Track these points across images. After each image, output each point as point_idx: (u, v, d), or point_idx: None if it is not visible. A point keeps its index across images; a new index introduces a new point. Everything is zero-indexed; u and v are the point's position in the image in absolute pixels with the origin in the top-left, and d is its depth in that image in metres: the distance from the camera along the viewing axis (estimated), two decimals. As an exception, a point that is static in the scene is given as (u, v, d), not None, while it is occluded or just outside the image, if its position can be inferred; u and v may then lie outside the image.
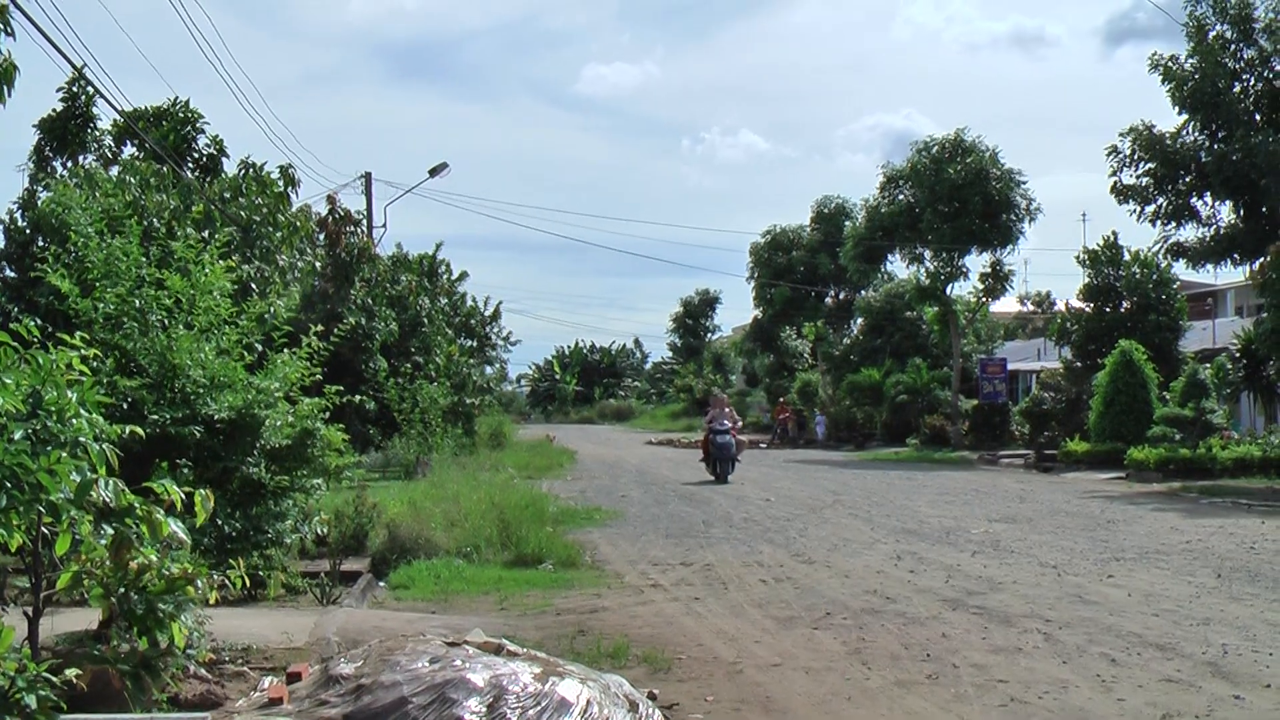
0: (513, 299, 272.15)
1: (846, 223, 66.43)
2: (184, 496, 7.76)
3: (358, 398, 22.26)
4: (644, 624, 13.57)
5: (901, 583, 16.53)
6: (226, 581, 9.46)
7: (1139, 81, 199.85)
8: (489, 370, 76.07)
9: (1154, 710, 9.74)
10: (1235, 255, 40.04)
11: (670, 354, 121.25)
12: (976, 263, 55.23)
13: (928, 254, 54.58)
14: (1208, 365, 41.23)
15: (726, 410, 38.55)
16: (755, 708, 9.89)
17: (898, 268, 63.07)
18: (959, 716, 9.61)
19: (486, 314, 78.99)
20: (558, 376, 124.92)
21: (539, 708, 8.70)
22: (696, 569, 18.00)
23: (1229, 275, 49.14)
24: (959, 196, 51.95)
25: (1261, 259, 35.58)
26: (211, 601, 8.71)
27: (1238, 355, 38.53)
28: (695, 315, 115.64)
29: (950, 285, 55.64)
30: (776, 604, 14.91)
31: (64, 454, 6.88)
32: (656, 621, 13.77)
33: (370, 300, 37.48)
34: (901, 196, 55.18)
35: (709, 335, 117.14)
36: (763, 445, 62.72)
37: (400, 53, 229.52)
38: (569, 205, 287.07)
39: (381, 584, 16.66)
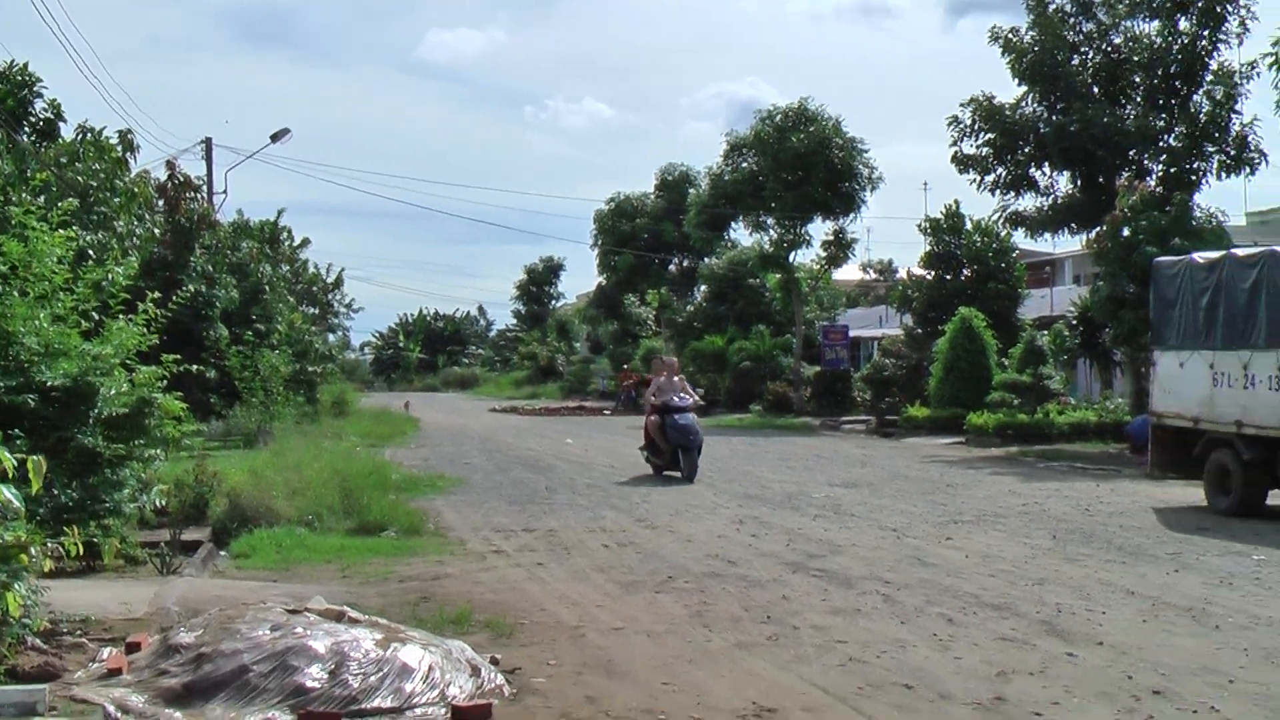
0: (357, 266, 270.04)
1: (690, 190, 66.55)
2: (16, 464, 7.62)
3: (198, 366, 21.96)
4: (487, 590, 13.54)
5: (744, 547, 16.67)
6: (61, 549, 9.31)
7: (981, 53, 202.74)
8: (332, 338, 75.58)
9: (989, 668, 9.93)
10: (1073, 224, 40.64)
11: (515, 321, 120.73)
12: (819, 230, 55.53)
13: (771, 222, 54.79)
14: (1046, 332, 41.93)
15: (678, 379, 28.19)
16: (597, 671, 9.92)
17: (741, 235, 63.42)
18: (799, 676, 9.72)
19: (329, 281, 78.51)
20: (402, 344, 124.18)
21: (381, 673, 8.71)
22: (540, 535, 17.99)
23: (1067, 244, 49.98)
24: (802, 165, 52.16)
25: (1098, 228, 36.14)
26: (47, 570, 8.59)
27: (1075, 322, 39.17)
28: (540, 282, 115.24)
29: (793, 253, 55.99)
30: (619, 569, 14.96)
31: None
32: (500, 587, 13.75)
33: (211, 267, 36.92)
34: (745, 164, 55.33)
35: (553, 303, 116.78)
36: (607, 412, 62.88)
37: (245, 18, 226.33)
38: (414, 172, 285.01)
39: (223, 553, 16.45)
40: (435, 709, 8.57)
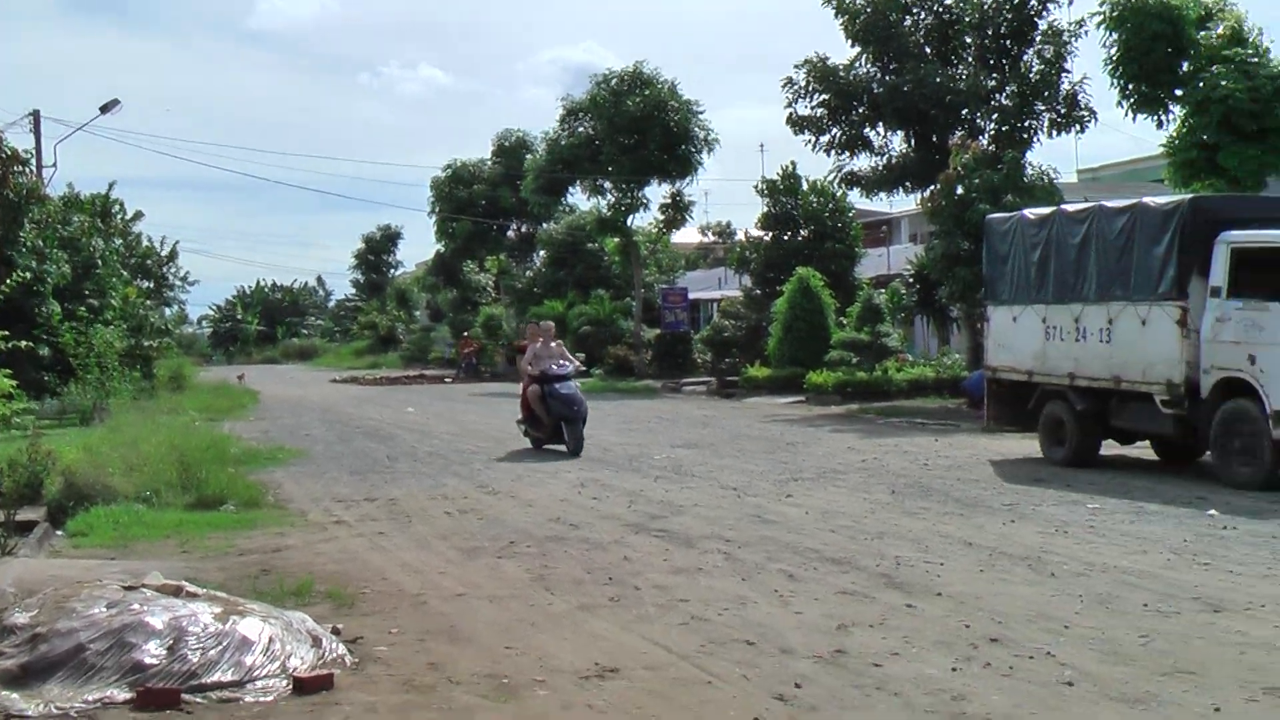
0: (193, 239, 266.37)
1: (528, 156, 66.14)
2: None
3: (28, 344, 21.47)
4: (328, 561, 13.37)
5: (585, 509, 16.65)
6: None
7: (816, 15, 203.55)
8: (168, 312, 74.28)
9: (830, 621, 9.99)
10: (907, 184, 40.99)
11: (354, 291, 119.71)
12: (657, 194, 55.57)
13: (609, 186, 54.64)
14: (883, 291, 42.38)
15: (556, 345, 25.99)
16: (440, 637, 9.83)
17: (579, 200, 63.19)
18: (641, 636, 9.71)
19: (164, 254, 77.10)
20: (240, 317, 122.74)
21: (220, 647, 8.57)
22: (381, 504, 17.82)
23: (902, 203, 50.34)
24: (638, 128, 52.08)
25: (932, 187, 36.52)
26: None
27: (911, 280, 39.64)
28: (377, 251, 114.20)
29: (631, 216, 55.85)
30: (461, 535, 14.87)
31: None
32: (341, 558, 13.59)
33: (41, 243, 36.11)
34: (582, 129, 55.10)
35: (392, 271, 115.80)
36: (448, 380, 62.62)
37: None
38: (249, 143, 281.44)
39: (59, 532, 16.06)
40: (276, 680, 8.45)
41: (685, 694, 8.24)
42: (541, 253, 71.47)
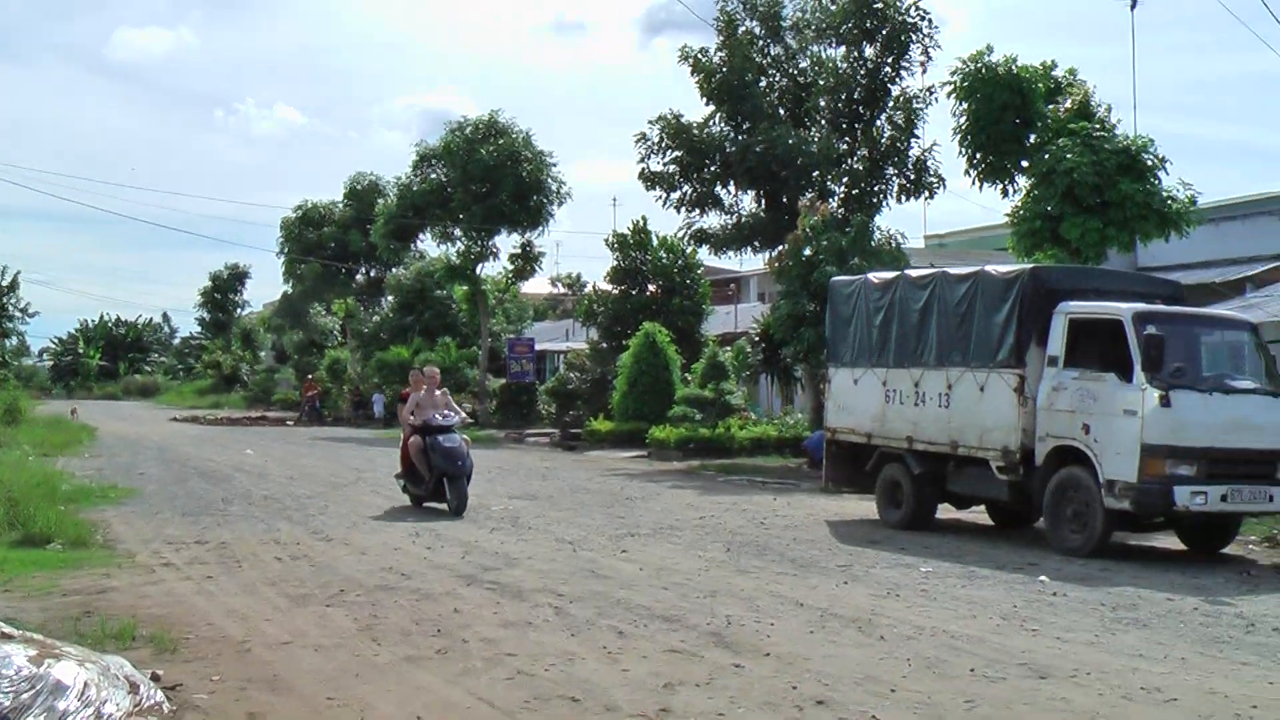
0: (37, 270, 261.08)
1: (379, 200, 65.86)
2: None
3: None
4: (153, 604, 13.07)
5: (418, 559, 16.45)
6: None
7: (672, 72, 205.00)
8: (8, 344, 72.95)
9: (657, 680, 9.90)
10: (756, 243, 41.36)
11: (199, 329, 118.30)
12: (507, 243, 55.60)
13: (459, 233, 54.60)
14: (729, 348, 42.55)
15: (440, 394, 23.69)
16: (262, 686, 9.63)
17: (429, 246, 63.11)
18: (466, 690, 9.56)
19: (3, 284, 75.79)
20: (81, 351, 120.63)
21: (33, 691, 8.32)
22: (212, 547, 17.46)
23: (751, 262, 50.88)
24: (491, 177, 52.06)
25: (780, 247, 36.81)
26: None
27: (757, 339, 39.85)
28: (224, 290, 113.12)
29: (481, 265, 55.91)
30: (291, 581, 14.59)
31: None
32: (167, 601, 13.29)
33: None
34: (435, 175, 55.02)
35: (239, 310, 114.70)
36: (289, 423, 62.04)
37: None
38: (99, 175, 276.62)
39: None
40: (90, 728, 8.21)
41: (507, 750, 8.11)
42: (389, 298, 71.09)
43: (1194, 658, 11.21)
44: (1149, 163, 29.30)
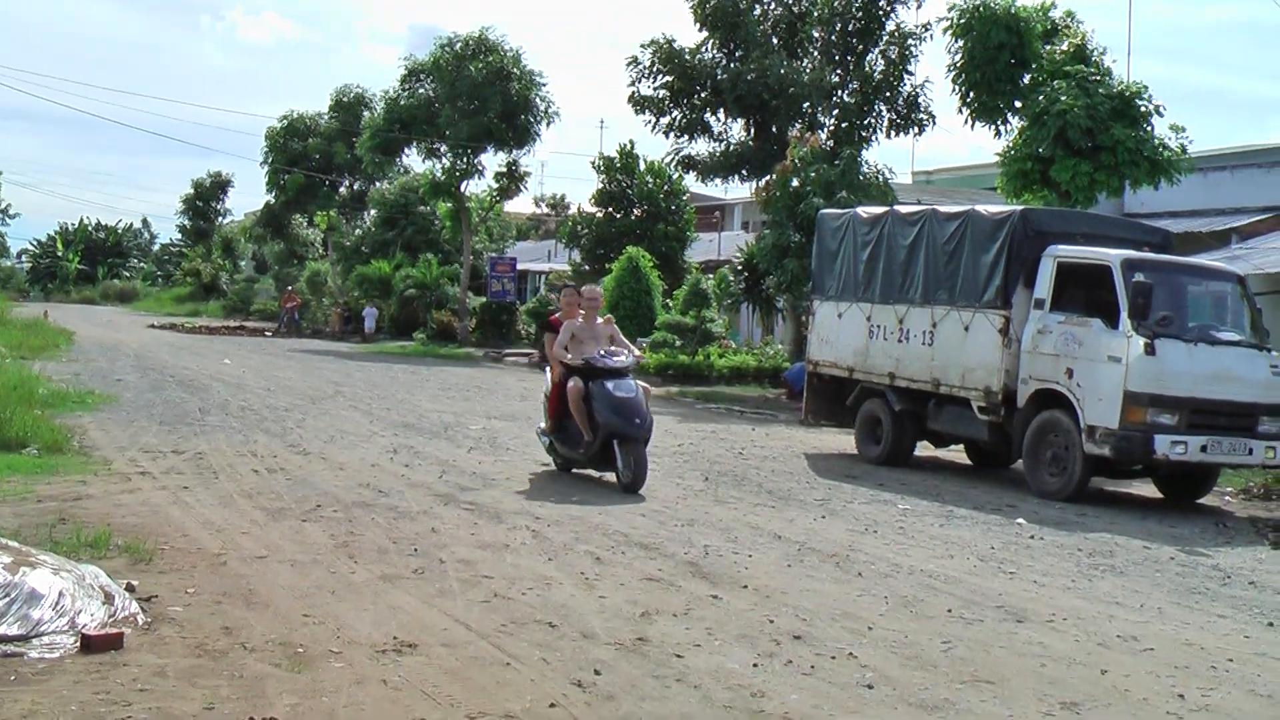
0: (20, 171, 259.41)
1: (365, 113, 65.43)
2: None
3: None
4: (129, 513, 12.95)
5: (395, 477, 16.39)
6: None
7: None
8: (-13, 244, 72.64)
9: (634, 608, 9.88)
10: (744, 171, 41.28)
11: (180, 236, 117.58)
12: (493, 162, 55.31)
13: (445, 150, 54.26)
14: (711, 276, 42.47)
15: (604, 323, 17.95)
16: (237, 600, 9.56)
17: (414, 161, 62.72)
18: (442, 612, 9.52)
19: (-16, 185, 75.39)
20: (60, 254, 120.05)
21: (7, 599, 8.27)
22: (188, 457, 17.35)
23: (737, 191, 50.67)
24: (479, 94, 51.71)
25: (768, 177, 36.74)
26: None
27: (740, 268, 39.72)
28: (206, 198, 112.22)
29: (466, 182, 55.60)
30: (267, 495, 14.51)
31: None
32: (142, 511, 13.17)
33: None
34: (422, 90, 54.64)
35: (220, 219, 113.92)
36: (268, 333, 61.84)
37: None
38: (81, 76, 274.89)
39: None
40: (64, 637, 8.14)
41: (482, 674, 8.07)
42: (372, 212, 70.82)
43: (1170, 608, 11.23)
44: (1142, 109, 29.24)
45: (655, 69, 40.60)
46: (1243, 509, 18.44)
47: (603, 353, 16.92)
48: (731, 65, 39.66)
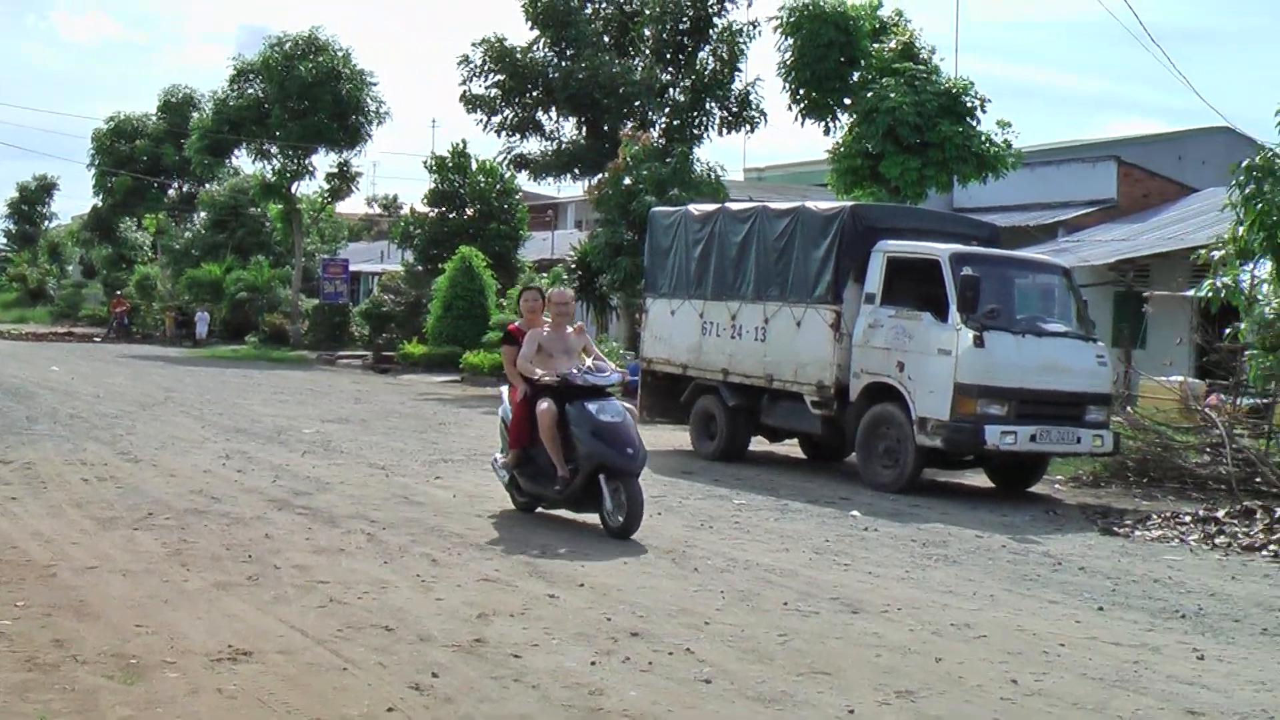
0: None
1: (194, 114, 64.60)
2: None
3: None
4: (-47, 525, 12.69)
5: (229, 482, 16.15)
6: None
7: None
8: None
9: (471, 609, 9.82)
10: (576, 170, 41.35)
11: (4, 241, 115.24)
12: (324, 162, 54.90)
13: (275, 151, 53.72)
14: (546, 274, 42.43)
15: (574, 330, 14.79)
16: (67, 612, 9.35)
17: (244, 163, 62.06)
18: (278, 618, 9.39)
19: None
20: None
21: None
22: (16, 467, 16.91)
23: (570, 189, 50.74)
24: (309, 94, 51.28)
25: (600, 175, 36.84)
26: None
27: (574, 267, 39.74)
28: (32, 201, 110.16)
29: (296, 183, 55.15)
30: (98, 504, 14.22)
31: None
32: (-34, 523, 12.91)
33: None
34: (252, 91, 54.08)
35: (46, 223, 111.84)
36: (97, 339, 60.80)
37: None
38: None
39: None
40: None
41: (319, 680, 7.98)
42: (202, 214, 69.84)
43: (1002, 595, 11.40)
44: (970, 105, 29.75)
45: (486, 68, 40.50)
46: (1072, 496, 18.76)
47: (581, 368, 14.14)
48: (563, 64, 39.68)
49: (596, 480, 13.48)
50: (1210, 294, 20.74)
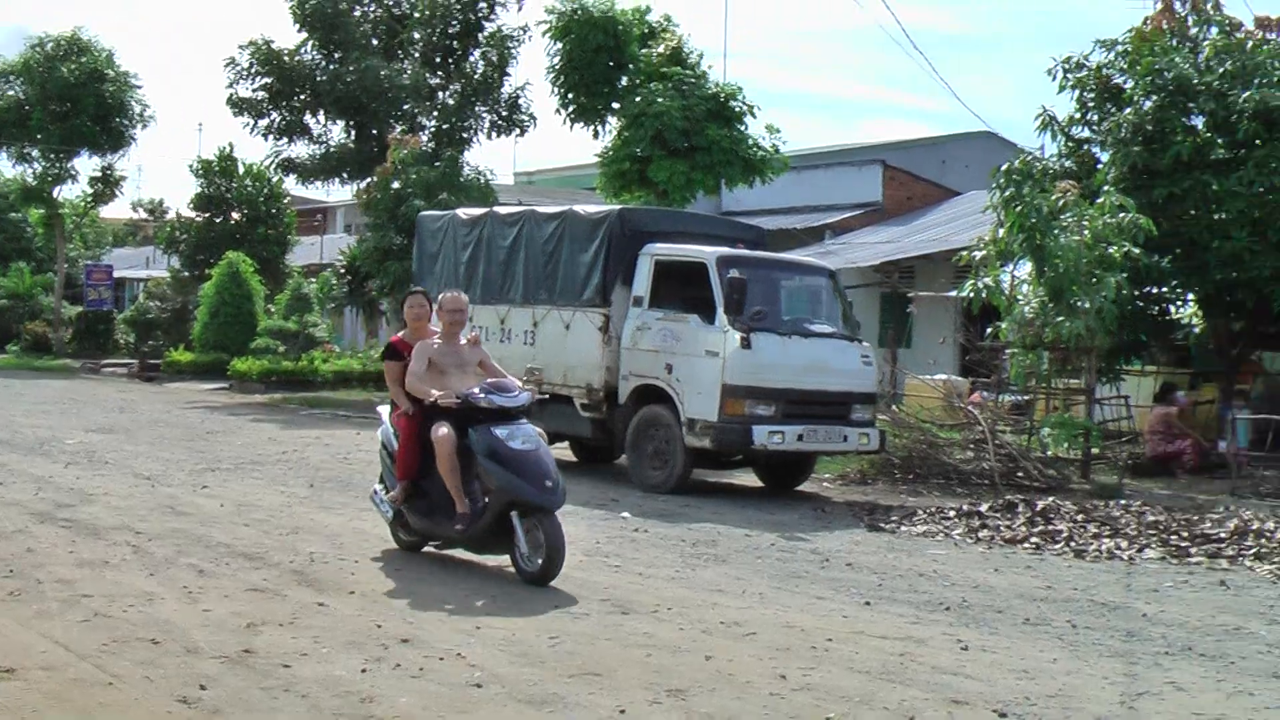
0: None
1: (-51, 117, 62.72)
2: None
3: None
4: None
5: (-13, 495, 15.74)
6: None
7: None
8: None
9: (239, 620, 9.69)
10: (345, 174, 40.92)
11: None
12: (87, 166, 53.61)
13: (36, 154, 52.29)
14: (314, 280, 42.12)
15: (469, 343, 12.99)
16: None
17: (4, 166, 60.37)
18: (40, 634, 9.16)
19: None
20: None
21: None
22: None
23: (339, 193, 50.35)
24: (71, 96, 49.98)
25: (369, 179, 36.61)
26: None
27: (343, 271, 39.43)
28: None
29: (59, 187, 53.70)
30: None
31: None
32: None
33: None
34: (12, 92, 52.51)
35: None
36: None
37: None
38: None
39: None
40: None
41: (84, 696, 7.81)
42: (-42, 219, 67.82)
43: (771, 592, 11.57)
44: (738, 110, 30.16)
45: (254, 70, 39.89)
46: (840, 494, 19.13)
47: (484, 387, 12.20)
48: (331, 67, 39.26)
49: (508, 518, 11.63)
50: (972, 294, 21.37)
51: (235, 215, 46.78)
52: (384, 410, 13.51)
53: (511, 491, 11.45)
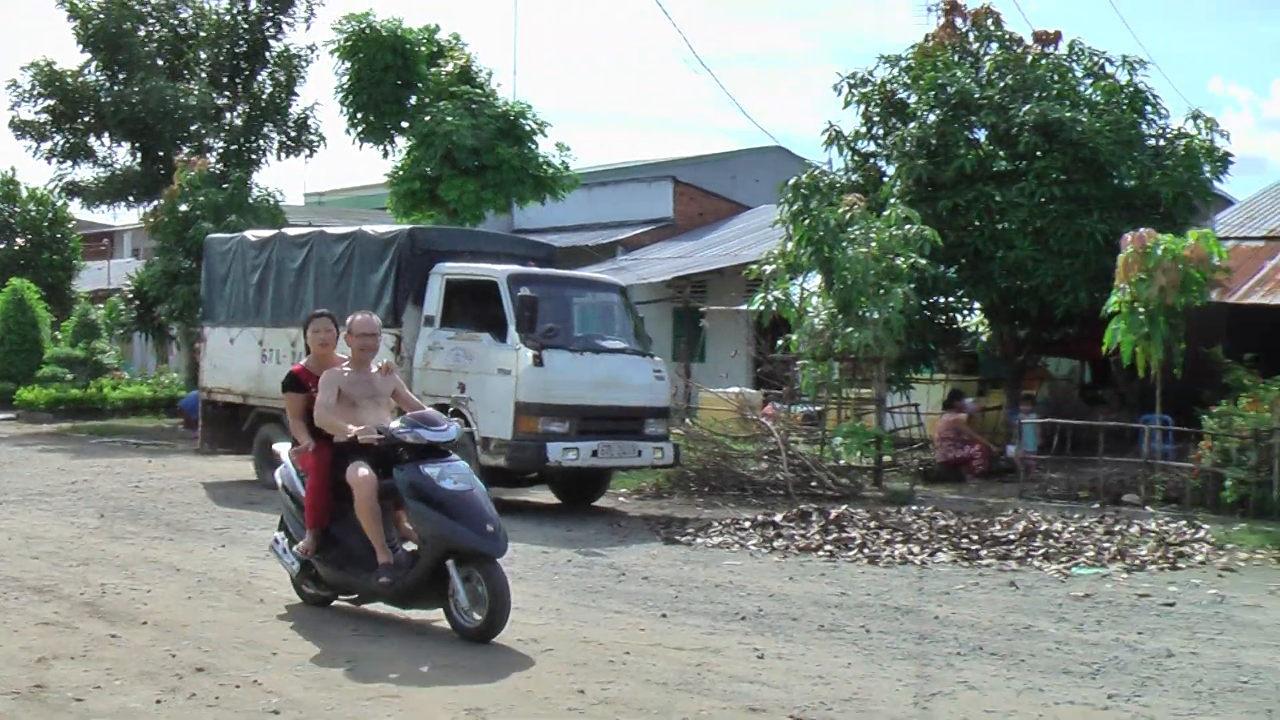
0: None
1: None
2: None
3: None
4: None
5: None
6: None
7: (48, 17, 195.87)
8: None
9: (30, 655, 9.48)
10: (131, 197, 40.17)
11: None
12: None
13: None
14: (102, 306, 41.33)
15: (381, 370, 11.54)
16: None
17: None
18: None
19: None
20: None
21: None
22: None
23: (126, 217, 49.43)
24: None
25: (155, 202, 36.02)
26: None
27: (131, 296, 38.71)
28: None
29: None
30: None
31: None
32: None
33: None
34: None
35: None
36: None
37: None
38: None
39: None
40: None
41: None
42: None
43: (568, 608, 11.62)
44: (527, 128, 30.26)
45: (36, 92, 39.02)
46: (636, 509, 19.26)
47: (408, 419, 10.87)
48: (115, 88, 38.54)
49: (443, 567, 10.37)
50: (763, 308, 21.73)
51: (19, 241, 45.79)
52: (283, 448, 12.28)
53: (448, 539, 10.25)
